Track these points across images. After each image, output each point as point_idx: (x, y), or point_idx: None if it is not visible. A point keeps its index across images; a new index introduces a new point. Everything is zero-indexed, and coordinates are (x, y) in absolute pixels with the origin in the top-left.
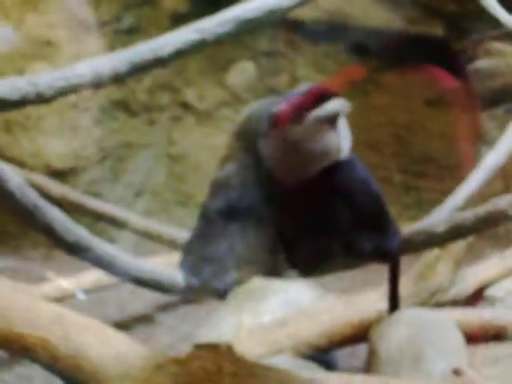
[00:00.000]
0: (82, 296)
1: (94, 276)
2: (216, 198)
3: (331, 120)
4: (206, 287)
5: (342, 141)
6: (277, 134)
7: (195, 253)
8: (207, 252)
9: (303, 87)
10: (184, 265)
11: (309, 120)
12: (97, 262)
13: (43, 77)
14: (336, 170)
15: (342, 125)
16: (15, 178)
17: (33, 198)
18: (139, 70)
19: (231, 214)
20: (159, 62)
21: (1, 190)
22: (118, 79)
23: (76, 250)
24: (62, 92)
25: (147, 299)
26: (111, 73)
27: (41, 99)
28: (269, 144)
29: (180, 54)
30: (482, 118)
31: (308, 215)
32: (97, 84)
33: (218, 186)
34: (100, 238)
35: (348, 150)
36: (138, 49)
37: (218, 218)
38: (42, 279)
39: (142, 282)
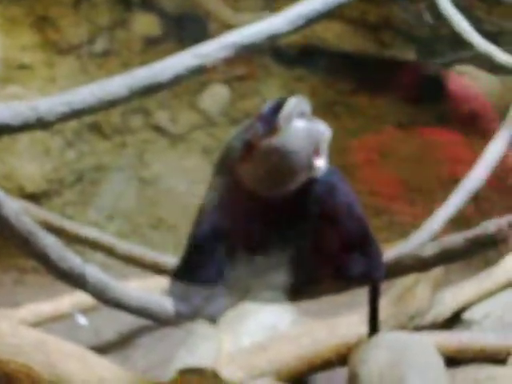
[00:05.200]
0: (82, 320)
1: (68, 301)
2: (201, 223)
3: (298, 117)
4: (197, 313)
5: (320, 157)
6: (254, 154)
7: (184, 279)
8: (196, 278)
9: (267, 105)
10: (173, 291)
11: (279, 126)
12: (89, 289)
13: (44, 101)
14: (319, 191)
15: (322, 144)
16: (10, 204)
17: (27, 224)
18: (139, 94)
19: (217, 239)
20: (158, 87)
21: None
22: (118, 104)
23: (69, 277)
24: (63, 117)
25: (122, 322)
26: (111, 98)
27: (41, 124)
28: (248, 166)
29: (179, 79)
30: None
31: (293, 238)
32: (97, 109)
33: (203, 212)
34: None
35: (326, 167)
36: (137, 73)
37: (204, 243)
38: (13, 304)
39: (132, 309)
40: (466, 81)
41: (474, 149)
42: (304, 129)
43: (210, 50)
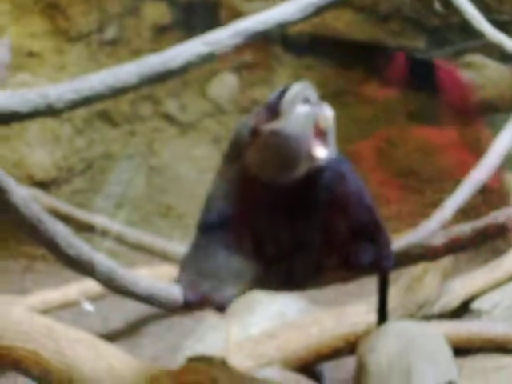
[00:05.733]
0: (89, 307)
1: (76, 288)
2: (210, 211)
3: (302, 102)
4: (206, 302)
5: (326, 144)
6: (259, 139)
7: (193, 267)
8: (205, 266)
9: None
10: (182, 280)
11: (283, 111)
12: (97, 276)
13: (54, 88)
14: (328, 180)
15: (329, 129)
16: (19, 191)
17: (36, 211)
18: (149, 82)
19: (226, 227)
20: (169, 74)
21: (5, 203)
22: (128, 91)
23: (78, 264)
24: (73, 104)
25: (130, 310)
26: (121, 85)
27: (51, 111)
28: (254, 152)
29: (190, 67)
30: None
31: (301, 226)
32: (107, 96)
33: (211, 200)
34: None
35: (333, 155)
36: (148, 61)
37: (213, 231)
38: (22, 291)
39: (140, 297)
40: (456, 70)
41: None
42: (306, 114)
43: (221, 38)
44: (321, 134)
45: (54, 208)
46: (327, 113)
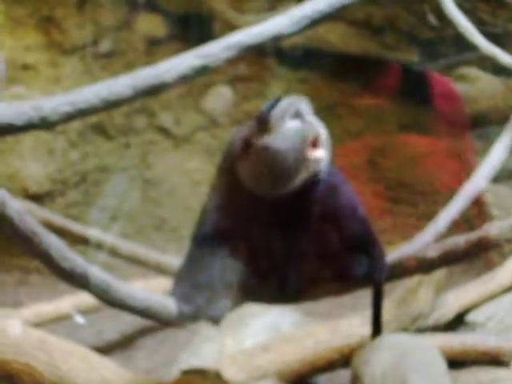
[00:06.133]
0: (81, 320)
1: (70, 301)
2: (204, 224)
3: (292, 117)
4: (200, 314)
5: (318, 155)
6: (250, 153)
7: (187, 280)
8: (199, 279)
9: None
10: (176, 292)
11: (271, 125)
12: (91, 289)
13: (48, 101)
14: (321, 193)
15: (322, 141)
16: (14, 204)
17: (31, 224)
18: (143, 94)
19: (220, 240)
20: (162, 87)
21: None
22: (123, 104)
23: (72, 277)
24: (67, 117)
25: (125, 323)
26: (116, 98)
27: (45, 124)
28: (245, 165)
29: (183, 79)
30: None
31: (295, 239)
32: (101, 109)
33: (206, 213)
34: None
35: (327, 166)
36: (142, 74)
37: (207, 244)
38: (16, 304)
39: (135, 309)
40: (448, 81)
41: None
42: (296, 129)
43: (214, 51)
44: (315, 145)
45: (48, 221)
46: (317, 129)
